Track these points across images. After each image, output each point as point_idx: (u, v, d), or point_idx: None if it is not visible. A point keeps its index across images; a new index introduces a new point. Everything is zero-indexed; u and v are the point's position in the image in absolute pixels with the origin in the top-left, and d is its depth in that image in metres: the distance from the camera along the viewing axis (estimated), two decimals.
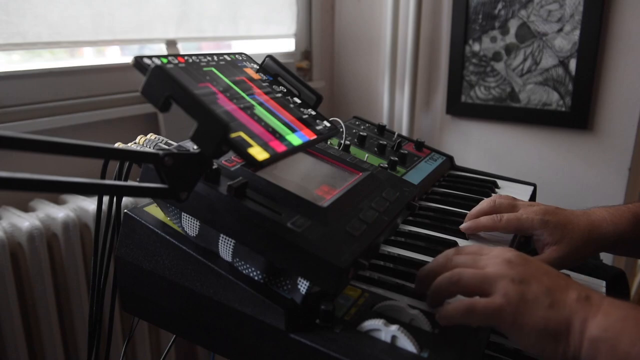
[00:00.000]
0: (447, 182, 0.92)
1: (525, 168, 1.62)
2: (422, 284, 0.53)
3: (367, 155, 0.84)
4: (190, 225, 0.56)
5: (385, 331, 0.47)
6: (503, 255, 0.51)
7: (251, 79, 0.61)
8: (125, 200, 1.00)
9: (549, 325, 0.45)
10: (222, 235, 0.54)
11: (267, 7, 1.63)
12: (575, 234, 0.67)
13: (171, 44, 1.38)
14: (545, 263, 0.52)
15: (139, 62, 0.47)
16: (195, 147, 0.44)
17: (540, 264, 0.51)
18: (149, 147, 0.64)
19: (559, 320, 0.45)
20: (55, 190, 0.36)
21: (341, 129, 0.85)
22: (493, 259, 0.50)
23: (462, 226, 0.70)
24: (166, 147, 0.62)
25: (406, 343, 0.46)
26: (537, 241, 0.68)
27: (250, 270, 0.53)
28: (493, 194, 0.90)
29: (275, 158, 0.50)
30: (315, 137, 0.59)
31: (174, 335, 0.70)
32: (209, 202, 0.51)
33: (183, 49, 1.42)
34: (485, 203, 0.71)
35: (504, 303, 0.46)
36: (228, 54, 0.63)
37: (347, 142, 0.84)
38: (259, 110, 0.55)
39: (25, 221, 0.96)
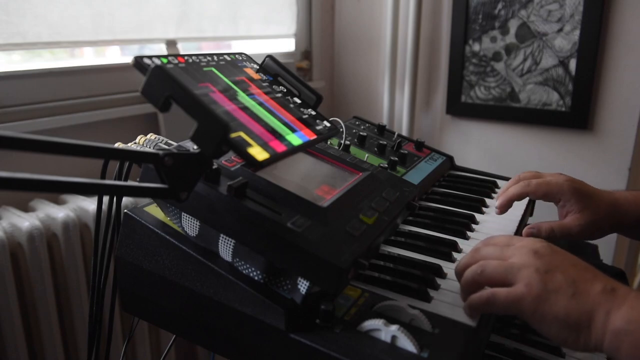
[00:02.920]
0: (447, 182, 0.92)
1: (525, 168, 1.61)
2: (458, 278, 0.55)
3: (367, 155, 0.84)
4: (190, 225, 0.56)
5: (385, 331, 0.47)
6: (530, 245, 0.51)
7: (251, 79, 0.61)
8: (125, 200, 1.00)
9: (571, 315, 0.45)
10: (222, 235, 0.54)
11: (267, 7, 1.63)
12: (599, 206, 0.69)
13: (171, 44, 1.38)
14: (565, 230, 0.53)
15: (139, 62, 0.47)
16: (195, 147, 0.44)
17: (569, 255, 0.51)
18: (149, 147, 0.64)
19: (581, 310, 0.45)
20: (55, 190, 0.36)
21: (341, 129, 0.85)
22: (519, 250, 0.51)
23: (496, 204, 0.73)
24: (166, 147, 0.62)
25: (406, 343, 0.46)
26: (562, 207, 0.70)
27: (250, 270, 0.53)
28: (497, 190, 0.90)
29: (275, 158, 0.50)
30: (315, 137, 0.59)
31: (174, 335, 0.70)
32: (209, 202, 0.51)
33: (183, 49, 1.42)
34: (511, 181, 0.75)
35: (525, 292, 0.47)
36: (228, 54, 0.63)
37: (347, 142, 0.84)
38: (259, 110, 0.55)
39: (25, 221, 0.96)
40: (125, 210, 0.60)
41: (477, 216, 0.77)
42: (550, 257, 0.49)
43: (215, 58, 0.60)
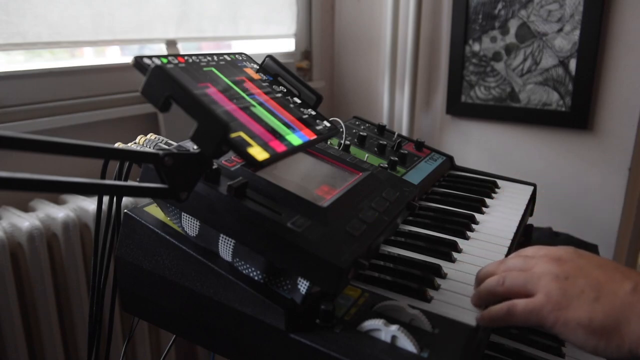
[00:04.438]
0: (447, 182, 0.92)
1: (525, 168, 1.62)
2: (477, 283, 0.54)
3: (367, 155, 0.84)
4: (190, 225, 0.56)
5: (385, 331, 0.47)
6: (553, 253, 0.50)
7: (251, 79, 0.61)
8: (125, 200, 1.00)
9: (595, 320, 0.43)
10: (222, 235, 0.54)
11: (267, 7, 1.63)
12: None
13: (171, 44, 1.38)
14: None
15: (139, 62, 0.47)
16: (195, 147, 0.44)
17: (595, 258, 0.49)
18: (149, 147, 0.64)
19: (606, 313, 0.43)
20: (55, 190, 0.36)
21: (341, 129, 0.85)
22: (542, 258, 0.50)
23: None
24: (166, 147, 0.62)
25: (406, 343, 0.46)
26: None
27: (250, 270, 0.53)
28: (497, 190, 0.90)
29: (275, 158, 0.50)
30: (315, 137, 0.59)
31: (174, 335, 0.70)
32: (209, 202, 0.51)
33: (183, 49, 1.42)
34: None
35: (544, 301, 0.45)
36: (228, 54, 0.63)
37: (347, 142, 0.84)
38: (259, 110, 0.55)
39: (25, 221, 0.96)
40: (125, 210, 0.60)
41: (477, 216, 0.77)
42: (573, 263, 0.47)
43: (215, 58, 0.60)
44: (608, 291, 0.44)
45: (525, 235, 0.86)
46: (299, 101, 0.64)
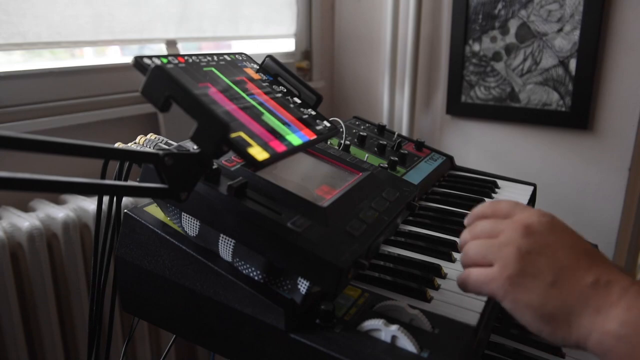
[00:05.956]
0: (447, 182, 0.92)
1: (525, 168, 1.62)
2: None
3: (367, 155, 0.84)
4: (190, 225, 0.56)
5: (385, 331, 0.47)
6: (526, 219, 0.44)
7: (251, 79, 0.61)
8: (125, 200, 1.00)
9: (547, 306, 0.40)
10: (222, 235, 0.54)
11: (267, 7, 1.63)
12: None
13: (171, 44, 1.38)
14: None
15: (139, 62, 0.47)
16: (195, 147, 0.44)
17: (568, 235, 0.44)
18: (149, 147, 0.64)
19: (559, 302, 0.40)
20: (55, 190, 0.36)
21: (341, 129, 0.85)
22: (512, 224, 0.45)
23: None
24: (166, 147, 0.62)
25: (406, 343, 0.46)
26: None
27: (250, 270, 0.53)
28: (497, 190, 0.89)
29: (275, 158, 0.50)
30: (315, 137, 0.59)
31: (174, 335, 0.70)
32: (209, 202, 0.51)
33: (183, 49, 1.42)
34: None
35: (497, 275, 0.42)
36: (228, 54, 0.63)
37: (347, 142, 0.84)
38: (259, 110, 0.55)
39: (25, 221, 0.96)
40: (125, 210, 0.60)
41: None
42: (542, 237, 0.43)
43: (215, 58, 0.60)
44: (568, 278, 0.40)
45: None
46: (299, 101, 0.64)
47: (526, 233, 0.43)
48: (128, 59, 0.60)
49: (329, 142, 0.79)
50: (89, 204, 1.05)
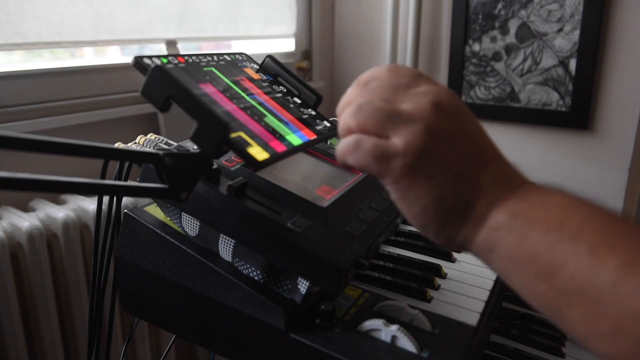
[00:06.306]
0: None
1: (525, 168, 1.60)
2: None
3: None
4: (190, 225, 0.56)
5: (385, 331, 0.47)
6: (436, 94, 0.37)
7: (251, 79, 0.61)
8: (125, 200, 1.00)
9: (444, 199, 0.35)
10: (222, 235, 0.54)
11: (267, 7, 1.63)
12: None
13: (171, 44, 1.38)
14: None
15: (139, 62, 0.47)
16: (195, 147, 0.44)
17: (474, 122, 0.39)
18: (149, 147, 0.64)
19: (459, 195, 0.35)
20: (55, 190, 0.36)
21: None
22: (417, 96, 0.37)
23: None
24: (166, 147, 0.62)
25: (406, 343, 0.46)
26: None
27: (250, 270, 0.53)
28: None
29: (275, 158, 0.50)
30: (315, 137, 0.59)
31: (174, 335, 0.70)
32: (209, 202, 0.51)
33: (183, 49, 1.42)
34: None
35: (400, 151, 0.35)
36: (228, 54, 0.63)
37: None
38: (259, 110, 0.55)
39: (25, 221, 0.96)
40: (125, 210, 0.60)
41: None
42: (450, 121, 0.36)
43: (215, 58, 0.60)
44: (470, 170, 0.36)
45: None
46: (299, 101, 0.64)
47: (436, 111, 0.36)
48: (128, 59, 0.60)
49: (329, 142, 0.79)
50: (89, 204, 1.05)
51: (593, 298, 0.30)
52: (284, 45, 1.81)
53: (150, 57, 0.49)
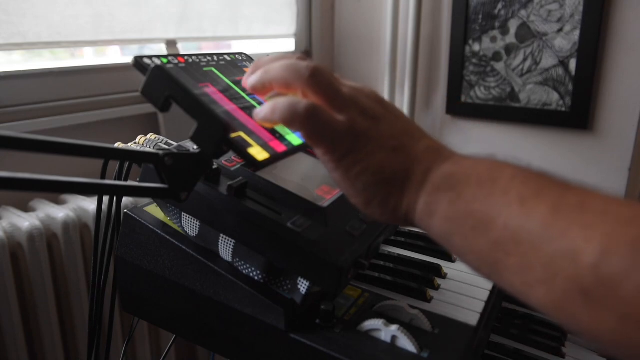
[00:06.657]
0: None
1: None
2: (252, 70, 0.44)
3: None
4: (190, 225, 0.56)
5: (385, 331, 0.47)
6: (363, 89, 0.43)
7: None
8: (125, 200, 1.00)
9: (385, 169, 0.38)
10: (222, 235, 0.54)
11: (267, 7, 1.63)
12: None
13: (171, 44, 1.38)
14: None
15: (138, 62, 0.47)
16: (195, 147, 0.44)
17: (400, 113, 0.43)
18: (149, 147, 0.64)
19: (399, 164, 0.38)
20: (55, 190, 0.36)
21: None
22: (350, 88, 0.42)
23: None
24: (166, 147, 0.62)
25: (406, 343, 0.46)
26: None
27: (250, 270, 0.53)
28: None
29: (275, 158, 0.50)
30: None
31: (174, 335, 0.70)
32: (209, 202, 0.51)
33: (183, 49, 1.42)
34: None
35: (347, 127, 0.38)
36: (228, 54, 0.63)
37: None
38: None
39: (25, 221, 0.96)
40: (125, 210, 0.60)
41: None
42: (381, 107, 0.41)
43: (215, 58, 0.60)
44: (406, 144, 0.39)
45: None
46: None
47: (367, 100, 0.41)
48: (128, 59, 0.60)
49: None
50: (89, 204, 1.05)
51: (526, 244, 0.31)
52: (284, 45, 1.81)
53: (150, 57, 0.49)
